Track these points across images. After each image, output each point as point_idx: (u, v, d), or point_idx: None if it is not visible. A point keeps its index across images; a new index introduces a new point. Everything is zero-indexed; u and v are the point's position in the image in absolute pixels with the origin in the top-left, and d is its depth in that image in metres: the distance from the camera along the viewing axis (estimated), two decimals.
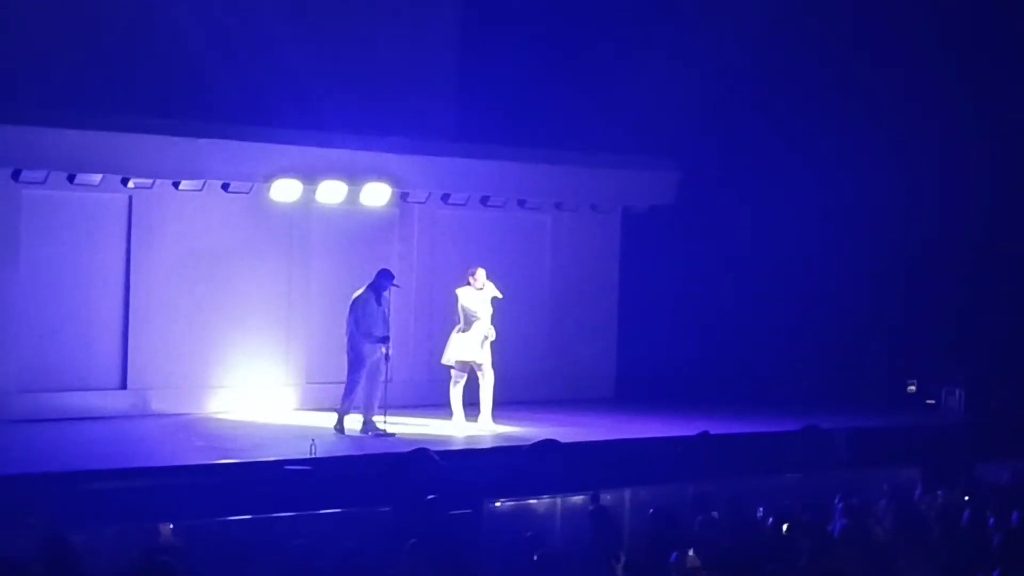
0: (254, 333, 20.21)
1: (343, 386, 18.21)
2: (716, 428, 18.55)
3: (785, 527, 12.23)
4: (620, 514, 15.19)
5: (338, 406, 18.20)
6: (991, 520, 12.86)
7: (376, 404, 18.10)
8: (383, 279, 18.30)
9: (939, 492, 14.70)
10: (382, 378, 18.14)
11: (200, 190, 19.37)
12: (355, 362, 18.16)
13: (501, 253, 21.55)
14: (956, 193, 22.80)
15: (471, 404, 18.85)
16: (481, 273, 18.87)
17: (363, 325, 18.05)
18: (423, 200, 21.26)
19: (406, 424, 18.63)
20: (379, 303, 18.13)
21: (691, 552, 11.15)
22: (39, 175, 18.25)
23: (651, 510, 12.81)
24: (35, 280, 18.67)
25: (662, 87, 21.94)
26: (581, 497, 15.53)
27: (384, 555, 11.85)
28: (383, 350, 18.11)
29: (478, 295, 18.80)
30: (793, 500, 13.86)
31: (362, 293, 18.22)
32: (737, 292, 23.62)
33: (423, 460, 15.76)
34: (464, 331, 18.76)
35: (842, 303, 23.71)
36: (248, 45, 19.70)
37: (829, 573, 11.24)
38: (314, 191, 20.05)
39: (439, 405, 19.25)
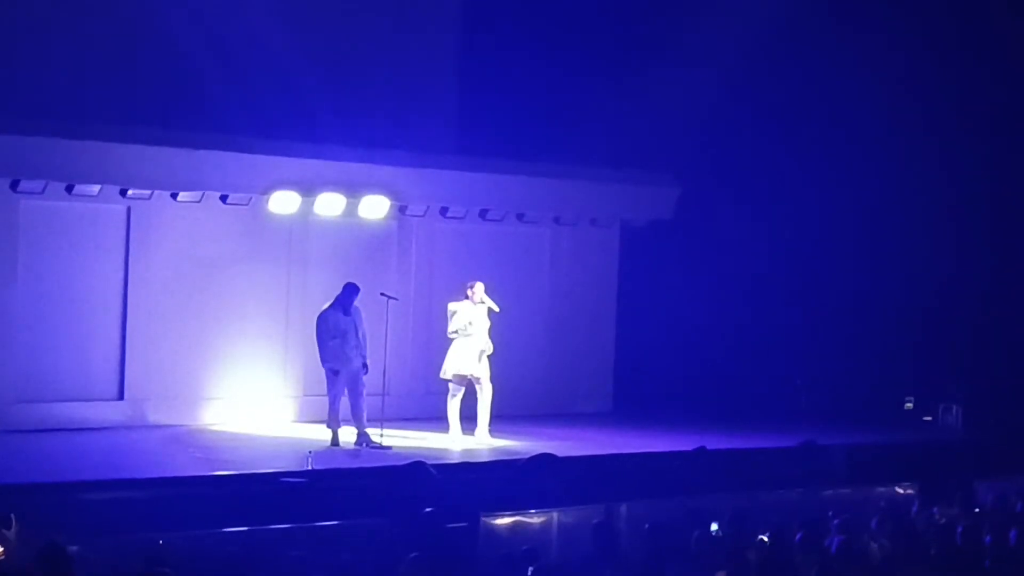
0: (251, 345, 20.20)
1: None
2: (713, 443, 18.55)
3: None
4: (618, 528, 15.16)
5: (327, 422, 18.26)
6: (987, 538, 12.83)
7: (363, 415, 18.09)
8: (346, 293, 18.30)
9: (935, 509, 14.67)
10: (363, 389, 18.15)
11: (198, 201, 19.38)
12: (327, 377, 18.24)
13: (499, 267, 21.53)
14: (956, 209, 22.81)
15: (468, 417, 18.84)
16: (480, 287, 18.86)
17: (324, 341, 18.10)
18: (421, 213, 21.26)
19: (403, 437, 18.62)
20: (347, 314, 18.14)
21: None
22: (37, 185, 18.26)
23: (647, 525, 12.77)
24: (33, 290, 18.65)
25: (661, 102, 21.96)
26: (577, 511, 15.52)
27: (380, 568, 11.83)
28: (362, 358, 18.15)
29: (476, 309, 18.79)
30: (789, 516, 13.83)
31: (326, 309, 18.25)
32: (735, 307, 23.62)
33: (420, 473, 15.75)
34: (461, 345, 18.75)
35: (840, 319, 23.72)
36: (247, 57, 19.69)
37: None
38: (312, 203, 20.05)
39: (436, 418, 19.23)
